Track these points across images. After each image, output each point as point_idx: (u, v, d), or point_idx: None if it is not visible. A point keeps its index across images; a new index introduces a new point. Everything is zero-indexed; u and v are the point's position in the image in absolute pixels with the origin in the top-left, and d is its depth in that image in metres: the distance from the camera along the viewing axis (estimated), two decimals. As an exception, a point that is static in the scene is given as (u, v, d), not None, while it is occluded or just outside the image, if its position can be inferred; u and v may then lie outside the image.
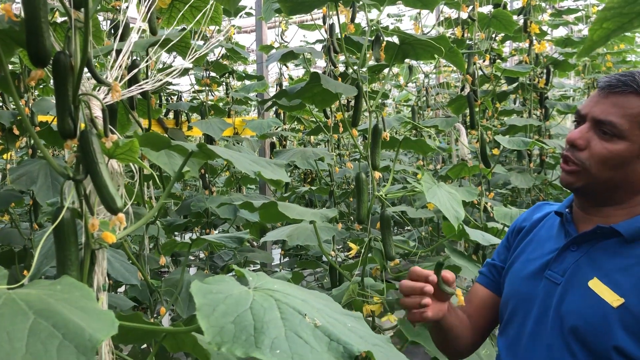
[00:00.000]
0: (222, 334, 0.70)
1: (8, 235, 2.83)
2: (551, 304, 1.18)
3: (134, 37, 1.06)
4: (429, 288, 1.16)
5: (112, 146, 0.87)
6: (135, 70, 1.08)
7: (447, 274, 1.22)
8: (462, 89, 3.86)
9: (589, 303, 1.11)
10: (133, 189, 1.14)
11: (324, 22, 2.40)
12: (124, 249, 1.28)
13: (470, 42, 2.63)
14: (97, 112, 0.94)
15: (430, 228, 3.39)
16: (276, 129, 4.19)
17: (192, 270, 4.51)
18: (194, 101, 3.82)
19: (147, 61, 1.11)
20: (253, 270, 3.90)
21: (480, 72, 2.53)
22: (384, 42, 1.60)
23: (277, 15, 3.69)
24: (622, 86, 1.11)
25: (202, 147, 0.97)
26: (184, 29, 1.45)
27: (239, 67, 5.18)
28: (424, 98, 3.50)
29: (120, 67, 0.97)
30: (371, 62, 2.15)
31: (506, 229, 2.12)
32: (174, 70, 1.15)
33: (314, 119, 4.96)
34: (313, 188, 2.76)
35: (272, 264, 4.39)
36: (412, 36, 1.58)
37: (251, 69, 6.00)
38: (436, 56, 1.61)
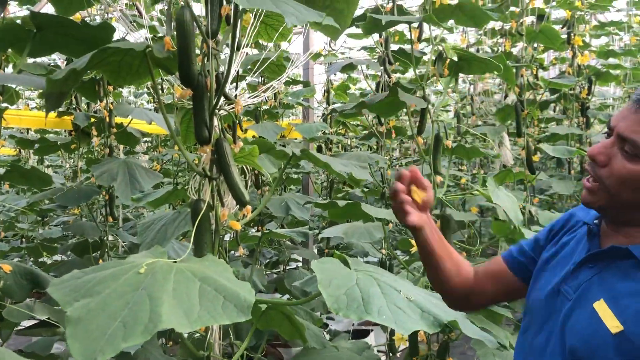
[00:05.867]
0: (338, 302, 0.89)
1: (81, 227, 3.08)
2: (558, 321, 1.14)
3: (238, 58, 1.26)
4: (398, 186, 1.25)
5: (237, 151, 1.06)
6: (243, 84, 1.27)
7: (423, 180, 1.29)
8: (505, 97, 4.00)
9: (590, 325, 1.07)
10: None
11: (380, 35, 2.58)
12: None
13: (518, 55, 2.77)
14: (215, 122, 1.14)
15: (472, 231, 3.54)
16: (323, 133, 4.38)
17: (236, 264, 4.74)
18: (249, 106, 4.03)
19: (252, 76, 1.31)
20: (294, 267, 4.11)
21: (527, 84, 2.67)
22: (448, 59, 1.77)
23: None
24: None
25: (304, 152, 1.16)
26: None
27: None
28: (469, 105, 3.65)
29: (236, 85, 1.17)
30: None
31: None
32: (270, 87, 1.35)
33: (359, 125, 5.15)
34: (365, 190, 2.94)
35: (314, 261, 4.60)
36: (472, 54, 1.75)
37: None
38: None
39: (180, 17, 0.97)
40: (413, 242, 1.91)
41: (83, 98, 3.14)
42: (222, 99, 1.09)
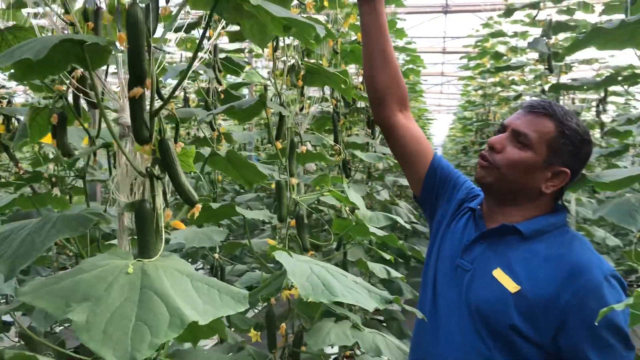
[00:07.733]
0: (305, 288, 0.98)
1: None
2: (462, 289, 1.42)
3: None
4: None
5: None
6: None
7: None
8: (301, 109, 4.34)
9: (492, 289, 1.36)
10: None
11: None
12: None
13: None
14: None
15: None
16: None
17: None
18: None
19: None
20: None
21: (341, 97, 2.98)
22: (302, 71, 1.93)
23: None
24: (540, 109, 1.40)
25: (230, 154, 1.20)
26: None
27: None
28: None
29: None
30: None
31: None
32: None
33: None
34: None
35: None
36: (320, 67, 1.94)
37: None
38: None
39: (132, 12, 0.94)
40: (271, 242, 2.01)
41: None
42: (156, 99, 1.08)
